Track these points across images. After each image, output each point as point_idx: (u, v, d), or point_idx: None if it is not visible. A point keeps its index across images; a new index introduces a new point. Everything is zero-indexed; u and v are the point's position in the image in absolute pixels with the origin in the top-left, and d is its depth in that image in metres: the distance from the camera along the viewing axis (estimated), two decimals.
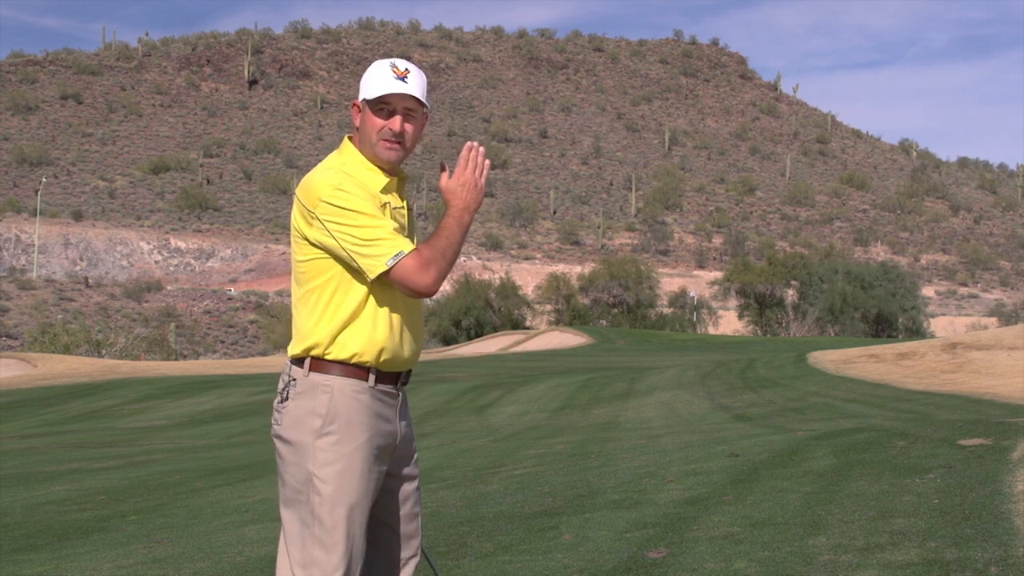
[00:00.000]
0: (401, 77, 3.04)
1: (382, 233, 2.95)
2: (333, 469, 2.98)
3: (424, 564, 3.35)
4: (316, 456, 2.98)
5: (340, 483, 2.97)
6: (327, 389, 3.01)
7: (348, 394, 3.01)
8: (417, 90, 3.06)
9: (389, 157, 3.07)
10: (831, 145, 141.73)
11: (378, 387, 3.05)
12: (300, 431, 3.01)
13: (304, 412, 3.01)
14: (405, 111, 3.07)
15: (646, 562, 4.86)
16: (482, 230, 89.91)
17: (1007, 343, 20.20)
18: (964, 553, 4.50)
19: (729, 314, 62.53)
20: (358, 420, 3.01)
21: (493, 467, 9.27)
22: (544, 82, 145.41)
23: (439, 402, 19.30)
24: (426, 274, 2.96)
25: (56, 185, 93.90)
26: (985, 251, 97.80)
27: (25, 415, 21.96)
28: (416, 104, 3.08)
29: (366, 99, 3.06)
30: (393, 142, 3.06)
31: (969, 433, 7.74)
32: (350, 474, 2.98)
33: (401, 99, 3.05)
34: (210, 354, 53.40)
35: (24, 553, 6.70)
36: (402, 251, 2.94)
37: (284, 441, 3.04)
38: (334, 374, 3.02)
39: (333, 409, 3.00)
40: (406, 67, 3.07)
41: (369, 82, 3.06)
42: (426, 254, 2.96)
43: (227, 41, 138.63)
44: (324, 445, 2.98)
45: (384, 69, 3.06)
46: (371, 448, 3.02)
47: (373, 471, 3.03)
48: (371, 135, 3.07)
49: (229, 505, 8.18)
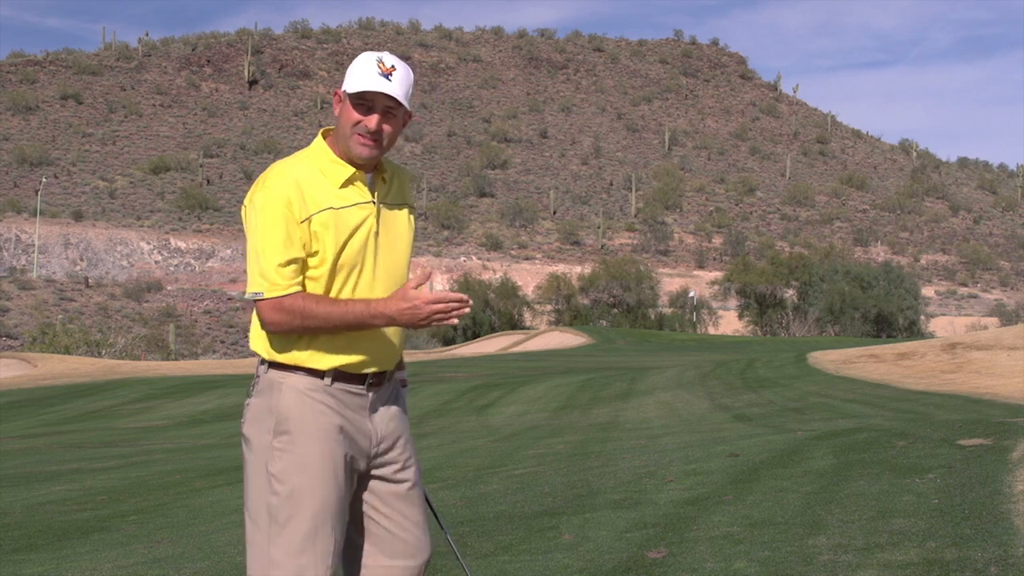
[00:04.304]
0: (386, 74, 2.92)
1: (263, 263, 2.86)
2: (289, 468, 2.90)
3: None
4: (272, 455, 2.92)
5: (297, 483, 2.89)
6: (280, 387, 2.94)
7: (302, 391, 2.93)
8: (399, 90, 2.94)
9: (361, 153, 2.94)
10: (831, 145, 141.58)
11: (336, 386, 2.96)
12: (258, 429, 2.95)
13: (262, 410, 2.96)
14: (385, 109, 2.94)
15: (646, 562, 4.86)
16: (482, 230, 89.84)
17: (1007, 343, 20.20)
18: (964, 553, 4.50)
19: (729, 314, 62.52)
20: (312, 419, 2.92)
21: (493, 467, 9.28)
22: (544, 82, 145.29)
23: (439, 402, 19.30)
24: (275, 319, 2.87)
25: (56, 185, 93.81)
26: (985, 251, 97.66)
27: (25, 415, 21.95)
28: (397, 104, 2.95)
29: (347, 91, 2.95)
30: (367, 139, 2.94)
31: (969, 433, 7.74)
32: (306, 474, 2.90)
33: (382, 97, 2.93)
34: (210, 354, 53.35)
35: (24, 553, 6.70)
36: (260, 293, 2.86)
37: (244, 439, 3.00)
38: (289, 371, 2.95)
39: (286, 407, 2.92)
40: (393, 63, 2.94)
41: (353, 74, 2.94)
42: (292, 306, 2.85)
43: (227, 41, 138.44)
44: (279, 444, 2.92)
45: (370, 63, 2.94)
46: (331, 447, 2.92)
47: (337, 471, 2.93)
48: (346, 127, 2.94)
49: (229, 505, 8.18)
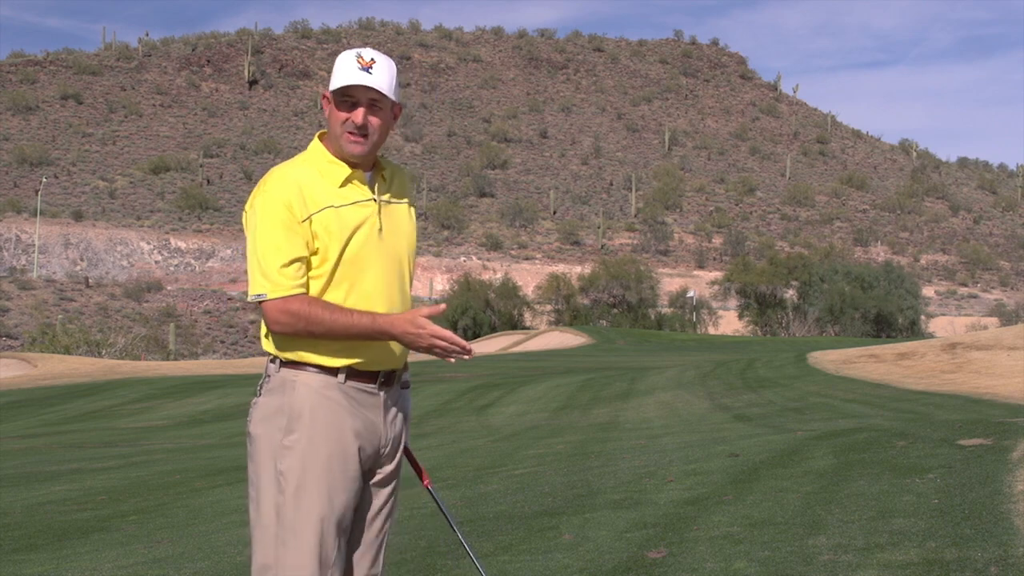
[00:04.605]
0: (366, 68, 2.90)
1: (265, 265, 2.88)
2: (298, 467, 2.88)
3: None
4: (282, 453, 2.90)
5: (306, 482, 2.87)
6: (293, 385, 2.93)
7: (315, 390, 2.92)
8: (381, 82, 2.91)
9: (352, 151, 2.93)
10: (831, 145, 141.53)
11: (349, 384, 2.94)
12: (268, 427, 2.94)
13: (272, 409, 2.94)
14: (370, 103, 2.93)
15: (646, 562, 4.86)
16: (482, 230, 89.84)
17: (1007, 343, 20.20)
18: (964, 553, 4.50)
19: (729, 314, 62.50)
20: (325, 417, 2.91)
21: (493, 467, 9.28)
22: (544, 82, 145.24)
23: (439, 402, 19.29)
24: (280, 320, 2.87)
25: (56, 185, 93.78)
26: (985, 251, 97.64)
27: (25, 415, 21.95)
28: (382, 96, 2.93)
29: (331, 90, 2.94)
30: (357, 135, 2.92)
31: (969, 433, 7.74)
32: (314, 473, 2.88)
33: (364, 91, 2.91)
34: (210, 354, 53.34)
35: (24, 553, 6.70)
36: (263, 295, 2.87)
37: (251, 438, 2.98)
38: (302, 369, 2.93)
39: (299, 406, 2.91)
40: (372, 57, 2.92)
41: (335, 73, 2.93)
42: (298, 309, 2.85)
43: (227, 41, 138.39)
44: (289, 442, 2.89)
45: (349, 60, 2.92)
46: (343, 446, 2.91)
47: (347, 471, 2.92)
48: (336, 127, 2.94)
49: (229, 505, 8.18)
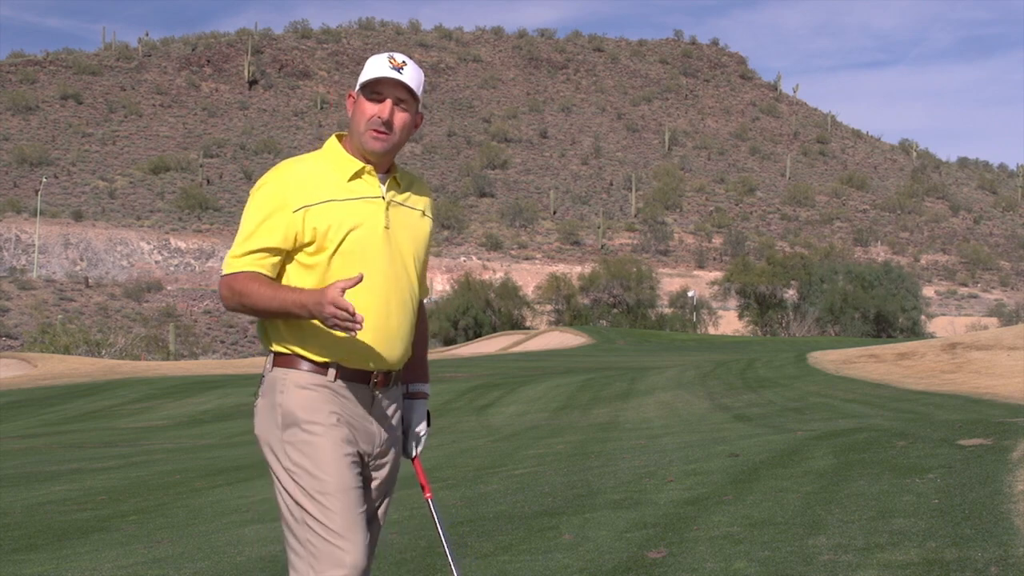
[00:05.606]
0: (397, 68, 3.00)
1: (237, 247, 2.97)
2: (302, 459, 2.92)
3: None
4: (284, 449, 2.95)
5: (315, 470, 2.90)
6: (283, 383, 2.98)
7: (304, 386, 2.97)
8: (411, 81, 3.01)
9: (374, 147, 3.00)
10: (831, 145, 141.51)
11: (339, 383, 2.99)
12: (267, 427, 2.99)
13: (267, 408, 3.00)
14: (397, 100, 3.02)
15: (646, 562, 4.86)
16: (482, 230, 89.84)
17: (1007, 343, 20.20)
18: (964, 553, 4.50)
19: (729, 314, 62.51)
20: (317, 409, 2.94)
21: (493, 467, 9.28)
22: (544, 82, 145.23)
23: (439, 402, 19.29)
24: (223, 295, 2.99)
25: (56, 185, 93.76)
26: (985, 251, 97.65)
27: (25, 415, 21.96)
28: (409, 96, 3.02)
29: (360, 86, 3.02)
30: (381, 131, 2.99)
31: (969, 433, 7.74)
32: (322, 460, 2.91)
33: (394, 86, 3.00)
34: (210, 354, 53.34)
35: (24, 553, 6.71)
36: (231, 271, 2.96)
37: (259, 441, 3.03)
38: (292, 368, 2.98)
39: (289, 401, 2.96)
40: (403, 60, 3.03)
41: (366, 70, 3.03)
42: (235, 284, 2.95)
43: (227, 41, 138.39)
44: (288, 437, 2.94)
45: (381, 59, 3.03)
46: (341, 434, 2.95)
47: (348, 457, 2.95)
48: (360, 123, 3.01)
49: (229, 505, 8.18)
